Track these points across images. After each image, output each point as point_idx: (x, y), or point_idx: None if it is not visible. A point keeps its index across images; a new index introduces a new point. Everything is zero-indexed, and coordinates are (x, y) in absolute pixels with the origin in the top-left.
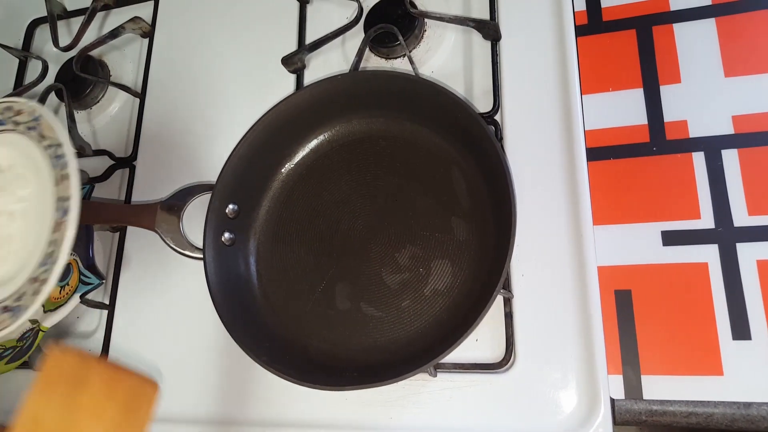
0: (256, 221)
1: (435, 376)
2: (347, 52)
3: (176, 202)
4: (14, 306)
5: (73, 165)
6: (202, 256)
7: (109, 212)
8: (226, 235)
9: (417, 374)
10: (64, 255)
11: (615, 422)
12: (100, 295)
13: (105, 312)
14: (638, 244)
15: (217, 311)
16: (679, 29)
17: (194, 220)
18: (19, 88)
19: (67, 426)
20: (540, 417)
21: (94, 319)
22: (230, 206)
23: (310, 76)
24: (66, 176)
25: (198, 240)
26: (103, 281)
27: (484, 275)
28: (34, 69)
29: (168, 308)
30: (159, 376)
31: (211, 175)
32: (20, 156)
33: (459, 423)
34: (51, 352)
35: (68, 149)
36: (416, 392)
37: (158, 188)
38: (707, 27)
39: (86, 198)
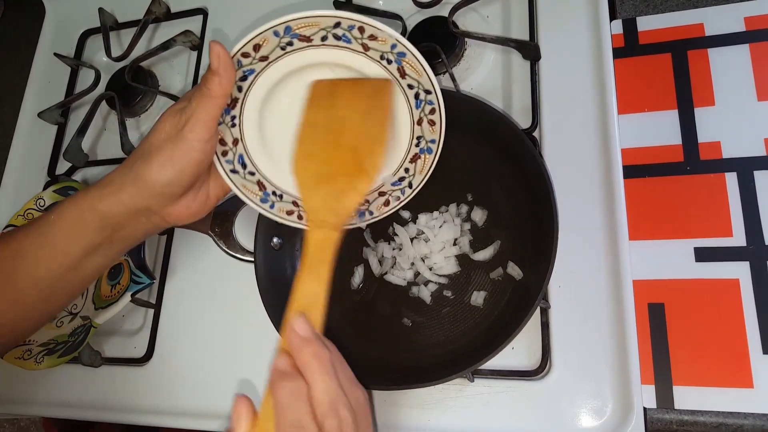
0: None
1: (472, 381)
2: None
3: (228, 208)
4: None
5: (443, 115)
6: (252, 259)
7: None
8: (275, 239)
9: (455, 379)
10: (420, 185)
11: (647, 431)
12: (146, 295)
13: (150, 311)
14: (672, 259)
15: (267, 311)
16: (714, 54)
17: (244, 225)
18: (72, 95)
19: (333, 117)
20: (574, 424)
21: (139, 317)
22: None
23: None
24: (431, 122)
25: (248, 244)
26: (154, 281)
27: (523, 285)
28: (84, 77)
29: (212, 308)
30: (203, 375)
31: None
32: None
33: (494, 427)
34: (315, 82)
35: (440, 99)
36: (454, 396)
37: None
38: (741, 52)
39: None
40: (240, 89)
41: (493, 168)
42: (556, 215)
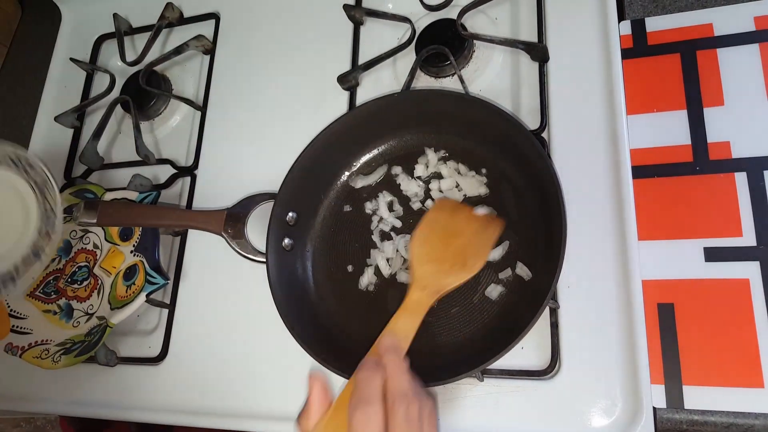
0: (313, 228)
1: (482, 380)
2: (398, 71)
3: (241, 210)
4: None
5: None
6: (264, 260)
7: (183, 217)
8: (286, 240)
9: (465, 378)
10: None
11: (656, 431)
12: (160, 295)
13: (165, 311)
14: (681, 259)
15: (278, 311)
16: (723, 54)
17: (255, 226)
18: (87, 99)
19: (450, 226)
20: (583, 424)
21: (154, 317)
22: (290, 214)
23: (361, 94)
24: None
25: (259, 245)
26: (168, 281)
27: (532, 285)
28: (99, 82)
29: (225, 308)
30: (217, 373)
31: (266, 185)
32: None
33: (504, 427)
34: (439, 200)
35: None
36: (463, 395)
37: (218, 196)
38: (751, 52)
39: (153, 203)
40: None
41: (501, 169)
42: (565, 216)
